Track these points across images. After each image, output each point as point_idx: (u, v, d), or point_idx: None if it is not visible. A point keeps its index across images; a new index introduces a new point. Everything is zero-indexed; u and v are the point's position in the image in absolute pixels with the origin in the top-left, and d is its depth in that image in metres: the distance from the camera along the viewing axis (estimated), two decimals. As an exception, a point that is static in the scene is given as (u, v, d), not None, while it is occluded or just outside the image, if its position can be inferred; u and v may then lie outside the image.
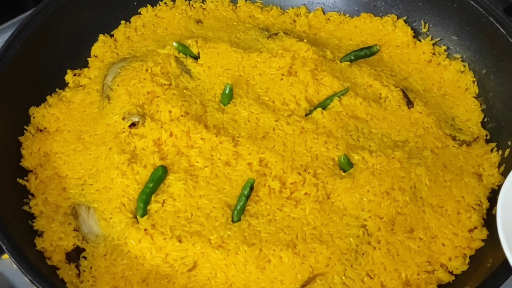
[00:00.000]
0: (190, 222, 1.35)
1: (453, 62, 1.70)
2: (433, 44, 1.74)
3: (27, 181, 1.47)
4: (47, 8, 1.62)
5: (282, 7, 1.87)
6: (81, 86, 1.66)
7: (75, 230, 1.39)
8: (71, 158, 1.50)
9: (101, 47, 1.72)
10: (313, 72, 1.60)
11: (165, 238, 1.33)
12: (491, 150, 1.53)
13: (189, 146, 1.46)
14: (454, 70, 1.69)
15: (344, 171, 1.44)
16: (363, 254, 1.33)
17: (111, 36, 1.76)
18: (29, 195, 1.46)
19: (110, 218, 1.38)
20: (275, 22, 1.82)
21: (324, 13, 1.84)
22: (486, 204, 1.44)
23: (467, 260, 1.36)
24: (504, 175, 1.46)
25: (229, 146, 1.45)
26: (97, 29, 1.74)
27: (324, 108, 1.54)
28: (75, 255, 1.36)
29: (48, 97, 1.61)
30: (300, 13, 1.84)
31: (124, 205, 1.39)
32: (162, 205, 1.38)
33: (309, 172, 1.41)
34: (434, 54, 1.73)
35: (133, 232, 1.34)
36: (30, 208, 1.43)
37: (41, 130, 1.57)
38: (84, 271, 1.34)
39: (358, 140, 1.50)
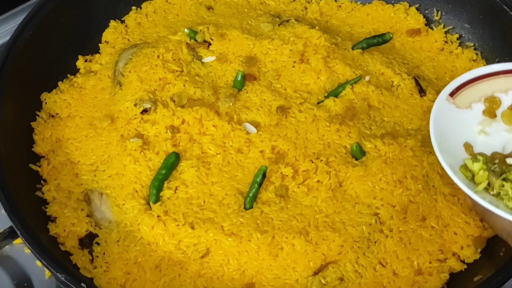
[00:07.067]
0: (203, 209, 1.36)
1: (466, 51, 1.69)
2: (446, 32, 1.72)
3: (39, 166, 1.48)
4: (59, -7, 1.61)
5: (293, -7, 1.85)
6: (92, 72, 1.65)
7: (88, 216, 1.40)
8: (83, 144, 1.50)
9: (112, 33, 1.71)
10: (325, 60, 1.59)
11: (177, 225, 1.33)
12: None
13: (201, 133, 1.46)
14: (467, 58, 1.68)
15: (356, 159, 1.44)
16: (375, 242, 1.33)
17: (122, 22, 1.75)
18: (42, 181, 1.46)
19: (123, 204, 1.38)
20: (286, 9, 1.80)
21: (335, 0, 1.82)
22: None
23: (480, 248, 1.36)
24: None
25: (242, 133, 1.44)
26: (108, 15, 1.73)
27: (336, 96, 1.54)
28: (88, 241, 1.37)
29: (59, 83, 1.61)
30: (312, 0, 1.82)
31: (136, 191, 1.39)
32: (175, 192, 1.38)
33: (321, 160, 1.41)
34: (446, 42, 1.72)
35: (146, 219, 1.34)
36: (43, 193, 1.44)
37: (53, 116, 1.57)
38: (97, 257, 1.35)
39: (370, 128, 1.49)
